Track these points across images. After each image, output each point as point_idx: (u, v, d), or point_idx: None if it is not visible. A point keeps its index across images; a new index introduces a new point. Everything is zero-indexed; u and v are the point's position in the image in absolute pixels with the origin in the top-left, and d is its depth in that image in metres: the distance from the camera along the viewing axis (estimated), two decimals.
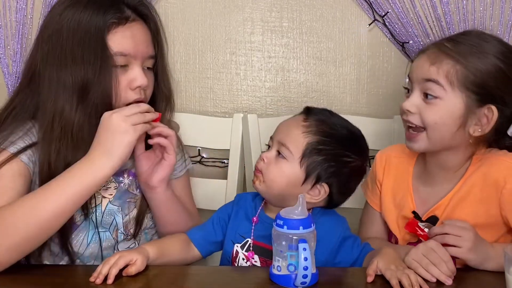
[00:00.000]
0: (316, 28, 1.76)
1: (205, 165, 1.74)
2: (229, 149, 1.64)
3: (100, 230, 1.27)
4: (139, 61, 1.22)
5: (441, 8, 1.67)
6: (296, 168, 1.16)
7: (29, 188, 1.19)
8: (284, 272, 1.02)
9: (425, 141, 1.19)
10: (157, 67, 1.29)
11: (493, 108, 1.15)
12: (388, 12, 1.68)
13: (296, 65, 1.77)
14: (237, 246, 1.21)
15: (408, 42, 1.69)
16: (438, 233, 1.11)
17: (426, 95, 1.17)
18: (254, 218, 1.21)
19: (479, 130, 1.17)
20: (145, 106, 1.17)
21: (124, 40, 1.19)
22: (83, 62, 1.16)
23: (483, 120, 1.16)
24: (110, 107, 1.18)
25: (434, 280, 1.02)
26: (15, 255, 1.07)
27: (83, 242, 1.26)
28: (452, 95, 1.15)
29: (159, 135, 1.22)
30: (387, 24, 1.70)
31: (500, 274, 0.99)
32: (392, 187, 1.33)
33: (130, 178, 1.31)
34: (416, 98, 1.19)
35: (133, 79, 1.20)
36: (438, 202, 1.23)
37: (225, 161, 1.70)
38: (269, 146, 1.22)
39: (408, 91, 1.24)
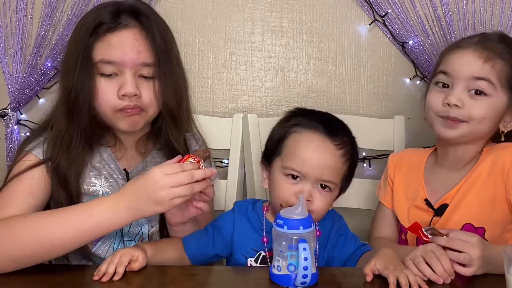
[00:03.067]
0: (316, 28, 1.76)
1: None
2: (229, 149, 1.64)
3: (125, 239, 1.28)
4: (130, 68, 1.18)
5: (441, 8, 1.67)
6: (336, 194, 1.21)
7: (49, 194, 1.21)
8: (284, 272, 1.02)
9: (465, 131, 1.22)
10: (160, 79, 1.21)
11: None
12: (388, 12, 1.68)
13: (296, 65, 1.77)
14: (250, 261, 1.19)
15: (408, 42, 1.69)
16: (440, 244, 1.07)
17: (473, 91, 1.21)
18: (264, 239, 1.18)
19: (508, 126, 1.26)
20: (199, 174, 1.08)
21: (109, 48, 1.17)
22: (71, 69, 1.19)
23: None
24: (93, 115, 1.20)
25: (425, 278, 1.02)
26: (16, 266, 1.07)
27: (108, 250, 1.27)
28: (500, 93, 1.22)
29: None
30: (387, 24, 1.70)
31: (500, 274, 0.99)
32: (403, 181, 1.37)
33: None
34: (461, 93, 1.22)
35: (120, 87, 1.18)
36: (448, 192, 1.27)
37: (225, 161, 1.70)
38: (297, 177, 1.14)
39: (443, 85, 1.26)
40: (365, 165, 1.75)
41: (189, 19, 1.75)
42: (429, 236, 1.11)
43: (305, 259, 0.98)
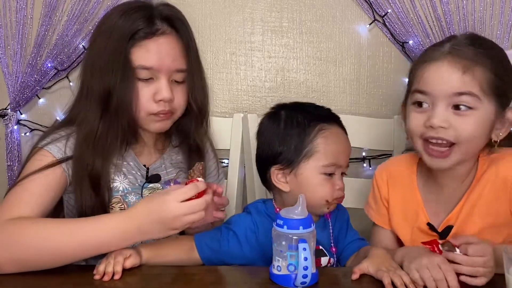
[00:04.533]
0: (316, 28, 1.76)
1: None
2: (229, 149, 1.64)
3: None
4: (165, 74, 1.21)
5: (441, 8, 1.67)
6: None
7: (62, 193, 1.22)
8: (284, 272, 1.02)
9: (458, 156, 1.10)
10: (189, 81, 1.26)
11: None
12: (388, 12, 1.68)
13: (296, 65, 1.78)
14: None
15: (408, 42, 1.69)
16: (462, 262, 1.01)
17: (457, 107, 1.09)
18: None
19: (500, 134, 1.14)
20: (210, 199, 1.11)
21: (147, 54, 1.19)
22: (108, 72, 1.19)
23: (505, 123, 1.14)
24: (131, 118, 1.21)
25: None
26: (18, 268, 1.07)
27: None
28: (486, 103, 1.08)
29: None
30: (387, 24, 1.70)
31: (500, 274, 0.99)
32: (401, 200, 1.26)
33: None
34: (445, 112, 1.09)
35: (157, 92, 1.21)
36: (451, 212, 1.19)
37: (225, 161, 1.70)
38: (330, 174, 1.18)
39: (421, 104, 1.12)
40: (365, 165, 1.75)
41: (189, 19, 1.72)
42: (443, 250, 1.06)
43: (305, 259, 0.98)
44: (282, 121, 1.21)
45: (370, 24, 1.72)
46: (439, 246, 1.07)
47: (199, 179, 1.11)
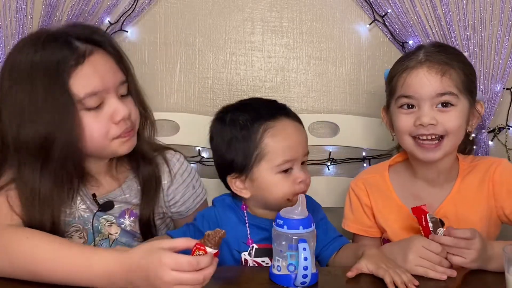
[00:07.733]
0: (316, 28, 1.76)
1: (205, 165, 1.74)
2: None
3: None
4: (113, 92, 1.14)
5: (441, 8, 1.67)
6: None
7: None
8: (284, 272, 1.02)
9: (448, 147, 1.24)
10: (131, 90, 1.21)
11: (482, 103, 1.32)
12: (388, 12, 1.68)
13: (296, 65, 1.77)
14: (244, 255, 1.19)
15: (408, 42, 1.69)
16: (444, 243, 1.09)
17: (442, 105, 1.23)
18: (250, 241, 1.20)
19: (473, 124, 1.30)
20: (207, 275, 0.97)
21: (88, 79, 1.10)
22: (42, 116, 1.08)
23: (475, 115, 1.30)
24: (78, 159, 1.13)
25: (445, 277, 1.06)
26: (3, 276, 1.05)
27: None
28: (462, 99, 1.25)
29: None
30: (387, 24, 1.70)
31: (500, 274, 1.00)
32: (382, 206, 1.33)
33: (132, 218, 1.27)
34: (431, 111, 1.23)
35: (113, 113, 1.13)
36: (438, 207, 1.27)
37: None
38: (287, 170, 1.16)
39: (408, 106, 1.26)
40: (365, 165, 1.75)
41: (189, 19, 1.75)
42: (430, 225, 1.13)
43: (305, 259, 0.99)
44: (226, 126, 1.18)
45: (370, 24, 1.72)
46: (427, 217, 1.14)
47: (209, 250, 0.97)
